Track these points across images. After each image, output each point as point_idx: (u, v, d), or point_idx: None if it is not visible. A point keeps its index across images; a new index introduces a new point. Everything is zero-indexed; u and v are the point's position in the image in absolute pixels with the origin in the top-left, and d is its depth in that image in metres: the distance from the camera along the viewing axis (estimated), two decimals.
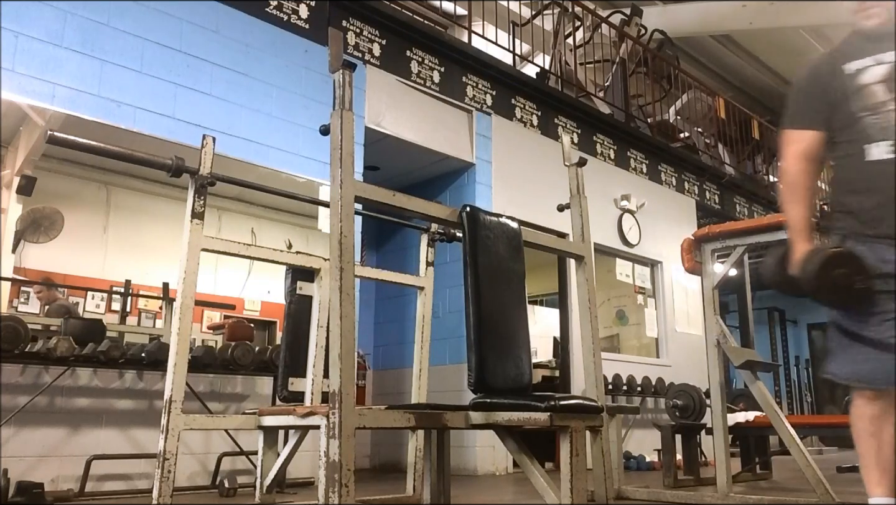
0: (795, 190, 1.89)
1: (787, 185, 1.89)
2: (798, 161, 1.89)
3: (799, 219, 1.88)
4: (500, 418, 1.91)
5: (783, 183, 1.91)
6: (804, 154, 1.89)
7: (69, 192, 4.30)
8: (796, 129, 1.91)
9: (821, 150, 1.90)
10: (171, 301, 4.04)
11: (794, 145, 1.90)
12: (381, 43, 4.98)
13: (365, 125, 4.72)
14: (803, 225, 1.87)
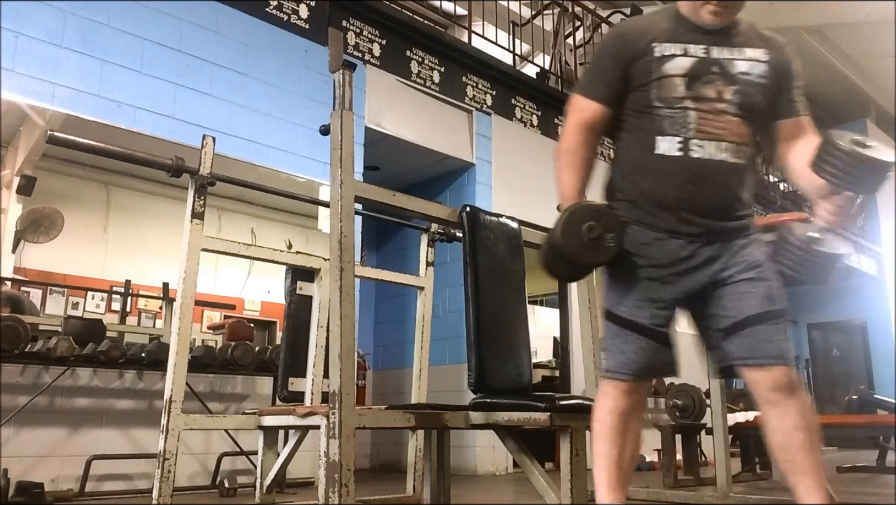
0: (573, 159, 1.77)
1: (564, 152, 1.77)
2: (580, 131, 1.77)
3: (570, 186, 1.75)
4: (500, 418, 1.91)
5: (561, 148, 1.78)
6: (587, 125, 1.77)
7: (69, 192, 4.30)
8: (585, 98, 1.78)
9: (605, 124, 1.78)
10: (171, 301, 4.04)
11: (578, 113, 1.78)
12: (381, 43, 4.98)
13: (365, 125, 4.72)
14: (574, 192, 1.74)
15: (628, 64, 1.73)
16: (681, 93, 1.68)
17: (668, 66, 1.69)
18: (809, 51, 9.70)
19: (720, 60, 1.71)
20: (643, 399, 1.73)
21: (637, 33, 1.75)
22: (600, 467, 1.64)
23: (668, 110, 1.69)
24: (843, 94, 11.02)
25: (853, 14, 8.55)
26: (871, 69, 10.47)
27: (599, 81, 1.77)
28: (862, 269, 10.57)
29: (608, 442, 1.63)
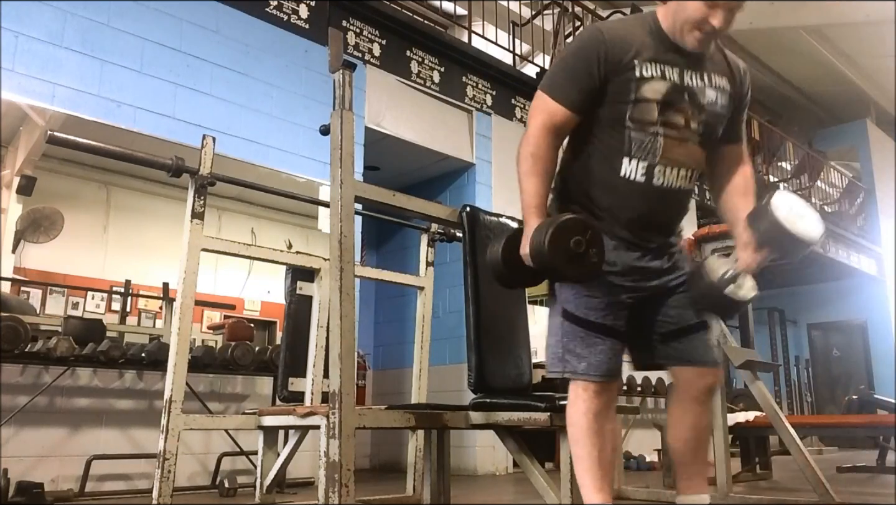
0: (539, 164, 1.67)
1: (531, 156, 1.68)
2: (547, 134, 1.68)
3: (535, 192, 1.67)
4: (500, 418, 1.91)
5: (526, 151, 1.68)
6: (554, 129, 1.69)
7: (69, 192, 4.30)
8: (553, 100, 1.69)
9: (570, 129, 1.73)
10: (171, 301, 4.04)
11: (546, 116, 1.69)
12: (381, 43, 4.98)
13: (365, 125, 4.72)
14: (540, 200, 1.67)
15: (607, 76, 1.67)
16: (654, 118, 1.68)
17: (647, 89, 1.67)
18: (809, 51, 9.70)
19: (691, 88, 1.71)
20: (615, 397, 1.76)
21: (618, 43, 1.68)
22: (584, 470, 1.66)
23: (638, 133, 1.69)
24: (843, 94, 11.02)
25: (853, 14, 8.55)
26: (871, 69, 10.47)
27: (572, 86, 1.69)
28: (862, 269, 10.57)
29: (588, 444, 1.65)
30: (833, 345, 11.62)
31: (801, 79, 10.75)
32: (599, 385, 1.68)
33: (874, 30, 9.05)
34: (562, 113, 1.70)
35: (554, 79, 1.74)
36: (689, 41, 1.68)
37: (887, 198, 11.26)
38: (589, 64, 1.67)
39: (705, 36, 1.67)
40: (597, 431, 1.66)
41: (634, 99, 1.67)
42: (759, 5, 8.49)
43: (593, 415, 1.66)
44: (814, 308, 11.49)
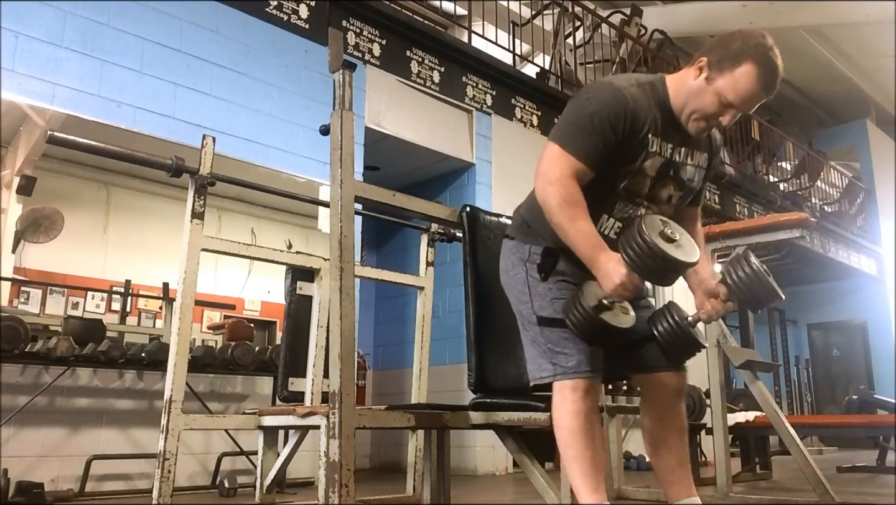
0: (574, 205, 1.65)
1: (563, 203, 1.64)
2: (571, 180, 1.66)
3: (590, 231, 1.65)
4: (500, 418, 1.91)
5: (554, 201, 1.65)
6: (576, 177, 1.67)
7: (69, 192, 4.31)
8: (574, 157, 1.67)
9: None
10: (171, 301, 4.04)
11: (567, 164, 1.67)
12: (381, 43, 4.98)
13: (365, 125, 4.72)
14: (598, 240, 1.65)
15: (623, 142, 1.68)
16: (644, 191, 1.76)
17: (648, 164, 1.72)
18: (809, 51, 9.70)
19: (677, 164, 1.78)
20: (599, 399, 1.78)
21: (638, 113, 1.69)
22: (577, 471, 1.65)
23: (626, 200, 1.77)
24: (843, 94, 11.03)
25: (853, 14, 8.55)
26: (871, 69, 10.47)
27: (590, 146, 1.67)
28: (862, 269, 10.57)
29: (580, 446, 1.65)
30: (833, 345, 11.63)
31: (801, 79, 10.75)
32: (588, 383, 1.68)
33: (874, 30, 9.05)
34: (579, 166, 1.68)
35: (571, 134, 1.70)
36: (692, 127, 1.74)
37: (887, 198, 11.26)
38: (614, 128, 1.67)
39: (708, 127, 1.74)
40: (588, 431, 1.65)
41: (635, 170, 1.72)
42: (759, 5, 8.50)
43: (584, 416, 1.66)
44: (814, 308, 11.49)
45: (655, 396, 1.82)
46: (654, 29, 8.06)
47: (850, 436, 6.89)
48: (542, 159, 1.72)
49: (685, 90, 1.72)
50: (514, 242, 1.88)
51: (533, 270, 1.79)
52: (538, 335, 1.74)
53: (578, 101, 1.75)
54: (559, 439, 1.68)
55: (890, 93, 10.91)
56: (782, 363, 10.73)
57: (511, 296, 1.85)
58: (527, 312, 1.78)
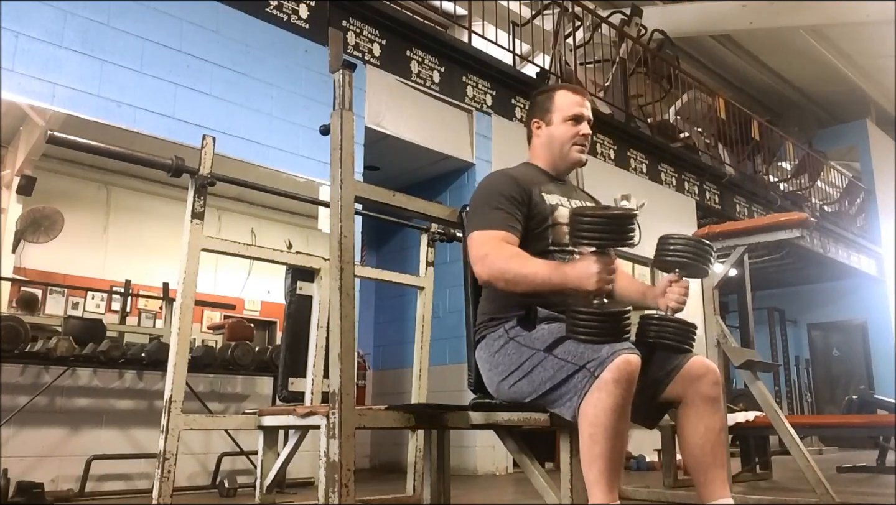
0: (518, 255, 1.77)
1: (507, 259, 1.75)
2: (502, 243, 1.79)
3: (544, 262, 1.75)
4: (500, 418, 1.91)
5: (499, 261, 1.75)
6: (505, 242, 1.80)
7: (69, 192, 4.30)
8: (496, 230, 1.81)
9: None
10: (171, 301, 4.04)
11: (491, 237, 1.80)
12: (381, 43, 4.98)
13: (365, 125, 4.72)
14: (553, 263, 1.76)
15: (527, 206, 1.87)
16: (566, 240, 1.86)
17: (557, 214, 1.89)
18: (809, 51, 9.70)
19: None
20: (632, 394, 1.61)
21: (524, 179, 1.91)
22: (599, 471, 1.58)
23: (559, 255, 1.87)
24: (843, 94, 11.03)
25: (853, 14, 8.55)
26: (871, 69, 10.48)
27: (502, 217, 1.83)
28: (862, 269, 10.57)
29: (609, 445, 1.56)
30: (833, 345, 11.63)
31: (801, 79, 10.75)
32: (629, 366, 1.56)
33: (874, 30, 9.05)
34: (506, 236, 1.82)
35: (487, 217, 1.84)
36: (572, 158, 2.02)
37: (887, 198, 11.26)
38: (513, 197, 1.86)
39: (584, 146, 2.01)
40: (620, 430, 1.57)
41: (551, 224, 1.89)
42: (759, 5, 8.49)
43: (621, 412, 1.56)
44: (814, 308, 11.49)
45: (691, 394, 1.75)
46: (654, 29, 8.06)
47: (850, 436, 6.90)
48: (469, 254, 1.85)
49: (544, 146, 2.04)
50: (486, 338, 1.90)
51: (517, 333, 1.82)
52: (555, 362, 1.67)
53: (476, 196, 1.93)
54: (587, 434, 1.58)
55: (890, 93, 10.91)
56: (782, 363, 10.73)
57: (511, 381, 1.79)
58: (533, 362, 1.73)
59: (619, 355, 1.56)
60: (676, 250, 1.81)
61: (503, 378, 1.82)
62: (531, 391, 1.74)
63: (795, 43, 9.50)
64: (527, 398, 1.76)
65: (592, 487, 1.60)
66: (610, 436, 1.57)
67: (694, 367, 1.77)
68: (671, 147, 7.65)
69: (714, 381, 1.76)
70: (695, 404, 1.76)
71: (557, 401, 1.68)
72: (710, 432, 1.75)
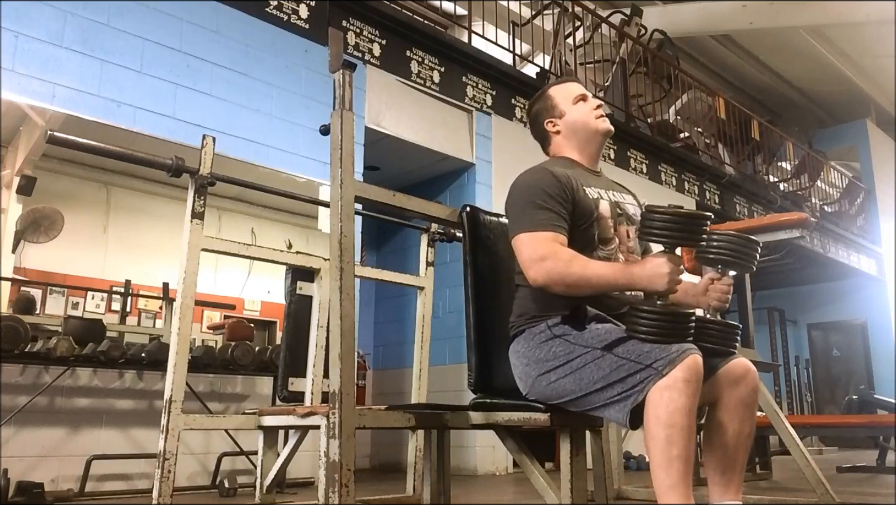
0: (577, 256, 1.70)
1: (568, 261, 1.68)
2: (556, 244, 1.72)
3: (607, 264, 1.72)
4: (500, 418, 1.91)
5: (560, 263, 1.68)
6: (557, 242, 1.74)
7: (69, 192, 4.30)
8: (543, 231, 1.74)
9: None
10: (171, 301, 4.04)
11: (542, 239, 1.73)
12: (381, 43, 4.98)
13: (365, 125, 4.72)
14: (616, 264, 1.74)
15: (573, 201, 1.80)
16: (611, 234, 1.83)
17: (602, 207, 1.85)
18: (809, 51, 9.70)
19: (619, 203, 1.91)
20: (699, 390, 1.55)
21: (563, 176, 1.83)
22: (679, 473, 1.50)
23: (604, 251, 1.82)
24: (843, 94, 11.04)
25: (853, 14, 8.55)
26: (871, 69, 10.48)
27: (549, 216, 1.76)
28: (862, 269, 10.57)
29: (686, 446, 1.50)
30: (833, 345, 11.62)
31: (801, 79, 10.75)
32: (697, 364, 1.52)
33: (874, 30, 9.05)
34: (555, 237, 1.75)
35: (532, 218, 1.78)
36: (602, 128, 1.98)
37: (887, 198, 11.26)
38: (556, 194, 1.79)
39: (604, 116, 1.99)
40: (693, 431, 1.51)
41: (596, 218, 1.83)
42: (759, 5, 8.50)
43: (693, 411, 1.50)
44: (814, 308, 11.49)
45: (730, 397, 1.70)
46: (654, 29, 8.06)
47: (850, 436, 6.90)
48: (520, 256, 1.77)
49: (569, 136, 2.01)
50: (525, 333, 1.82)
51: (564, 331, 1.74)
52: (613, 360, 1.60)
53: (518, 195, 1.85)
54: (664, 437, 1.50)
55: (890, 93, 10.92)
56: (782, 363, 10.73)
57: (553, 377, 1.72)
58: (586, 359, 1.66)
59: (690, 354, 1.52)
60: (721, 247, 1.73)
61: (544, 373, 1.74)
62: (575, 389, 1.67)
63: (795, 43, 9.50)
64: (567, 397, 1.69)
65: (668, 492, 1.50)
66: (686, 436, 1.50)
67: (735, 369, 1.71)
68: (671, 147, 7.65)
69: (754, 386, 1.71)
70: (730, 408, 1.70)
71: (609, 400, 1.61)
72: (740, 437, 1.70)
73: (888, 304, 10.82)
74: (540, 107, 2.08)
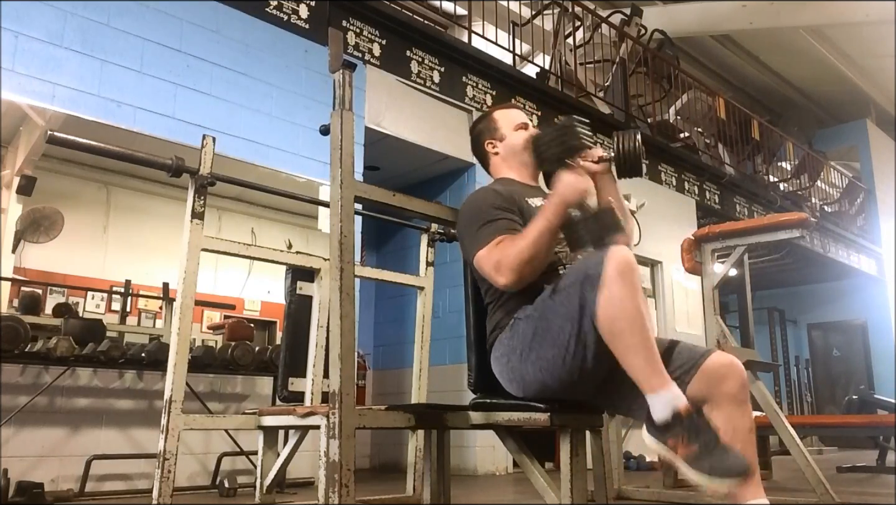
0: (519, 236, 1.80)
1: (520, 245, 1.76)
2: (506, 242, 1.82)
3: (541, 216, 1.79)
4: (500, 418, 1.91)
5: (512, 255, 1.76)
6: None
7: (69, 192, 4.30)
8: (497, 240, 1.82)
9: None
10: (171, 301, 4.04)
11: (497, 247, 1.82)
12: (381, 43, 4.98)
13: (365, 125, 4.72)
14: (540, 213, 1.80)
15: (518, 211, 1.92)
16: (559, 237, 1.87)
17: None
18: (809, 51, 9.70)
19: None
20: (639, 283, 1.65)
21: (506, 190, 1.98)
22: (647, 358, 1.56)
23: (558, 245, 1.87)
24: (843, 94, 11.04)
25: (853, 14, 8.55)
26: (871, 69, 10.48)
27: (501, 226, 1.86)
28: (862, 269, 10.58)
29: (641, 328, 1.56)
30: (833, 345, 11.63)
31: (801, 79, 10.75)
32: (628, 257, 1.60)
33: (874, 30, 9.05)
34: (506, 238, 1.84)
35: (486, 231, 1.86)
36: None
37: (887, 198, 11.26)
38: (503, 206, 1.91)
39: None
40: (644, 317, 1.56)
41: None
42: (759, 5, 8.50)
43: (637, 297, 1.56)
44: (814, 308, 11.49)
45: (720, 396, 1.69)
46: (654, 29, 8.06)
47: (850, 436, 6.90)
48: (484, 274, 1.85)
49: (508, 157, 2.13)
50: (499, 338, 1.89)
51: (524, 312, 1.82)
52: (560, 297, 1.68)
53: (466, 220, 1.96)
54: (619, 331, 1.56)
55: (890, 93, 10.92)
56: (782, 363, 10.73)
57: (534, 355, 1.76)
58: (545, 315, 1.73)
59: (614, 248, 1.61)
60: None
61: (524, 357, 1.77)
62: (556, 344, 1.69)
63: (795, 43, 9.50)
64: (558, 362, 1.70)
65: (649, 378, 1.56)
66: (638, 322, 1.55)
67: (716, 366, 1.70)
68: (671, 147, 7.65)
69: (741, 382, 1.70)
70: (722, 407, 1.69)
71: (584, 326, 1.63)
72: (740, 433, 1.68)
73: (888, 304, 10.82)
74: (483, 127, 2.19)
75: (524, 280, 1.78)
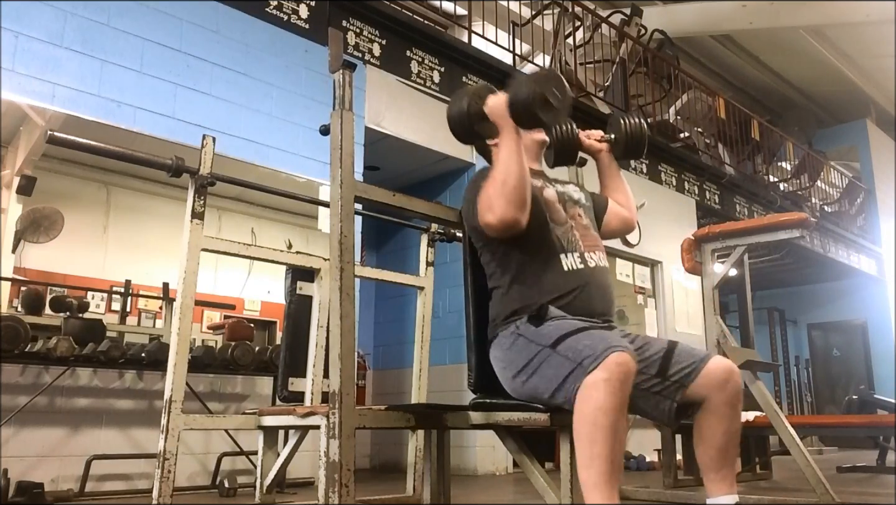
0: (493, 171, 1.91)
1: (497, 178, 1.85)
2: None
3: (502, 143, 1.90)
4: (500, 418, 1.91)
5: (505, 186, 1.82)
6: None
7: (69, 192, 4.30)
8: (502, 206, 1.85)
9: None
10: (171, 301, 4.04)
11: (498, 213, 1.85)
12: (381, 43, 4.98)
13: (365, 125, 4.72)
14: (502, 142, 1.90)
15: None
16: (563, 215, 1.98)
17: (548, 193, 2.01)
18: (809, 51, 9.71)
19: (563, 192, 2.07)
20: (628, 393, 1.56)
21: None
22: (599, 472, 1.54)
23: (559, 228, 1.94)
24: (843, 94, 11.04)
25: (853, 14, 8.55)
26: (871, 69, 10.48)
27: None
28: (862, 269, 10.57)
29: (608, 443, 1.52)
30: (833, 345, 11.63)
31: (801, 79, 10.75)
32: (624, 364, 1.53)
33: (874, 30, 9.05)
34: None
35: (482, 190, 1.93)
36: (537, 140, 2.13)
37: (887, 198, 11.26)
38: None
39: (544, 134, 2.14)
40: (617, 428, 1.51)
41: (546, 202, 1.98)
42: (759, 5, 8.50)
43: (617, 411, 1.51)
44: (814, 308, 11.49)
45: (713, 398, 1.77)
46: (654, 29, 8.06)
47: (850, 436, 6.89)
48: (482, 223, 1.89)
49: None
50: (498, 336, 1.90)
51: (526, 330, 1.82)
52: (559, 360, 1.67)
53: (471, 188, 2.02)
54: (584, 434, 1.53)
55: (890, 93, 10.92)
56: (782, 363, 10.73)
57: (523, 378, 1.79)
58: (541, 358, 1.73)
59: (612, 353, 1.54)
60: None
61: (516, 374, 1.82)
62: (545, 388, 1.71)
63: (795, 43, 9.50)
64: (544, 395, 1.72)
65: (591, 490, 1.54)
66: (609, 435, 1.51)
67: (716, 370, 1.78)
68: (671, 147, 7.64)
69: (738, 388, 1.80)
70: (718, 410, 1.78)
71: (563, 399, 1.65)
72: (728, 434, 1.80)
73: (888, 304, 10.82)
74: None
75: (512, 207, 1.81)
